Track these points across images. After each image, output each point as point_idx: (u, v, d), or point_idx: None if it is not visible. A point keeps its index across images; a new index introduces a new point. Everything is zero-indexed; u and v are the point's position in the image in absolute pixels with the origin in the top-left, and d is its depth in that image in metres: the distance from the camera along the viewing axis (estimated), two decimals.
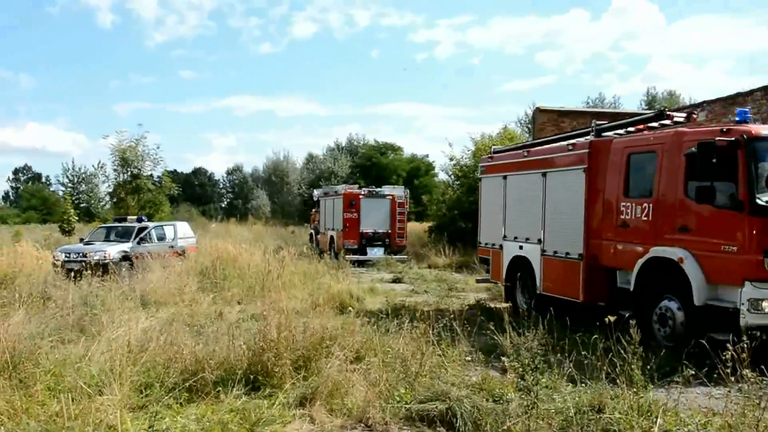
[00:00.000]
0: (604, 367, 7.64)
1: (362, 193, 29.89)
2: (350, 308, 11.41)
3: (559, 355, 8.85)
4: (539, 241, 13.88)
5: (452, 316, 9.89)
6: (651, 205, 11.09)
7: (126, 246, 22.64)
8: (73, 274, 15.76)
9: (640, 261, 11.06)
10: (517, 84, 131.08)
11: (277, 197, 77.10)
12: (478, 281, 18.09)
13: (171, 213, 45.67)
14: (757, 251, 9.30)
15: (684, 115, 12.63)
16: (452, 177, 37.32)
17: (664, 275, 10.65)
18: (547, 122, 26.52)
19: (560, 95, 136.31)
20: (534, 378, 7.52)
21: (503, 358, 8.71)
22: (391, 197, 29.90)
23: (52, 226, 46.99)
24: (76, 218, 40.31)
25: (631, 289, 11.30)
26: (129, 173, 38.47)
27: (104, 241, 23.51)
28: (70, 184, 72.30)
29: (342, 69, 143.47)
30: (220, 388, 7.83)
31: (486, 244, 16.36)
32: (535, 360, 8.01)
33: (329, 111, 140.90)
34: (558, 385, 7.93)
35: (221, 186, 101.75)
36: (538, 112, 27.73)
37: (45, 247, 25.53)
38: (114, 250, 21.99)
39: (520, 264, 14.66)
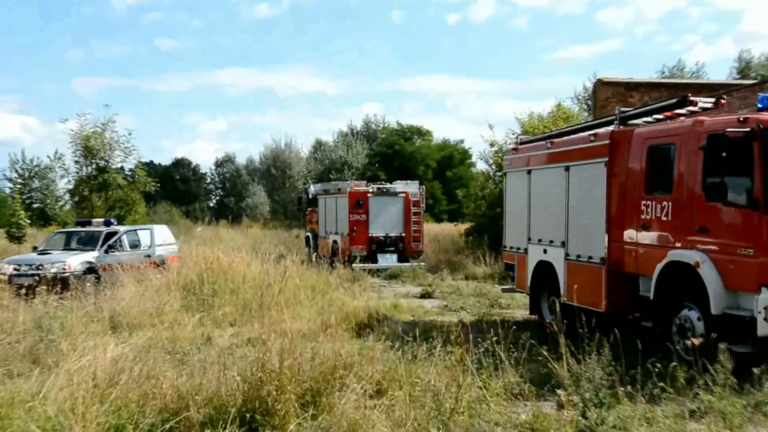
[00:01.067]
0: (688, 403, 7.59)
1: (371, 191, 30.49)
2: (369, 330, 11.42)
3: (629, 386, 8.80)
4: (563, 244, 14.78)
5: (495, 338, 9.86)
6: (670, 203, 11.94)
7: (91, 255, 22.80)
8: (24, 291, 15.87)
9: (659, 266, 11.85)
10: (574, 51, 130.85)
11: (278, 194, 77.47)
12: (503, 290, 18.97)
13: (147, 214, 45.96)
14: None
15: (712, 100, 13.09)
16: (493, 167, 37.22)
17: (683, 281, 11.41)
18: (612, 97, 26.43)
19: (628, 64, 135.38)
20: (598, 416, 7.49)
21: (559, 391, 8.67)
22: (404, 195, 30.57)
23: None
24: (28, 222, 40.54)
25: (651, 297, 12.09)
26: (94, 166, 38.76)
27: (63, 249, 23.67)
28: (19, 180, 72.66)
29: (357, 36, 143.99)
30: (209, 430, 7.85)
31: (511, 248, 17.33)
32: (600, 393, 7.98)
33: (341, 88, 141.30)
34: (629, 424, 7.90)
35: (209, 181, 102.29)
36: (601, 85, 27.66)
37: None
38: (76, 261, 22.14)
39: (545, 270, 15.52)
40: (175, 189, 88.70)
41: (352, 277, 22.09)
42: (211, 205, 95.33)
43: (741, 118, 10.72)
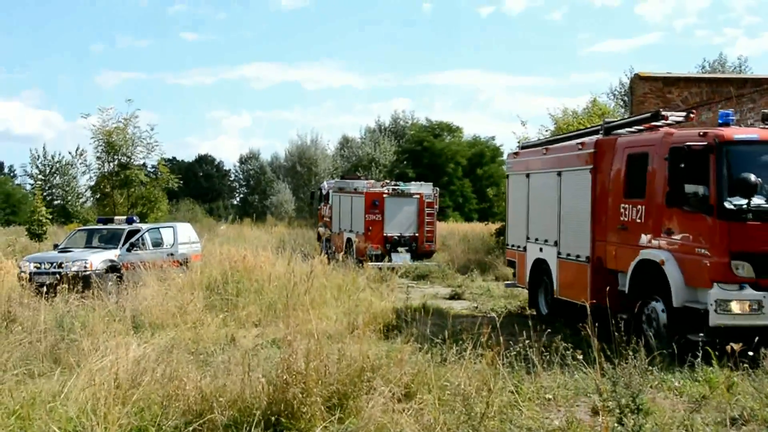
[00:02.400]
0: (729, 409, 7.52)
1: (386, 192, 32.17)
2: (397, 331, 11.42)
3: (668, 392, 8.73)
4: (555, 243, 16.66)
5: (527, 341, 9.82)
6: (643, 207, 13.67)
7: (113, 254, 22.91)
8: (44, 289, 15.97)
9: (633, 263, 13.58)
10: (611, 44, 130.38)
11: (304, 192, 77.44)
12: (506, 285, 20.96)
13: (169, 212, 46.11)
14: (725, 254, 11.71)
15: (683, 114, 14.87)
16: None
17: (652, 277, 13.04)
18: (650, 93, 26.23)
19: (667, 58, 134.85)
20: (636, 423, 7.43)
21: (594, 396, 8.62)
22: (418, 196, 32.21)
23: (18, 229, 47.76)
24: (49, 219, 40.80)
25: (626, 291, 13.88)
26: (116, 162, 38.91)
27: (85, 247, 23.81)
28: (40, 176, 73.16)
29: (385, 29, 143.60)
30: None
31: (512, 246, 19.39)
32: (637, 399, 7.92)
33: (369, 82, 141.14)
34: (668, 431, 7.82)
35: (233, 178, 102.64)
36: (638, 80, 27.43)
37: (9, 255, 25.91)
38: (97, 259, 22.26)
39: (541, 267, 17.44)
40: (199, 186, 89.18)
41: (380, 276, 22.05)
42: (235, 202, 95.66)
43: (701, 133, 12.48)
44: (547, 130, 34.65)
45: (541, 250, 17.34)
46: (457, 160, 71.21)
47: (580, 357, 9.68)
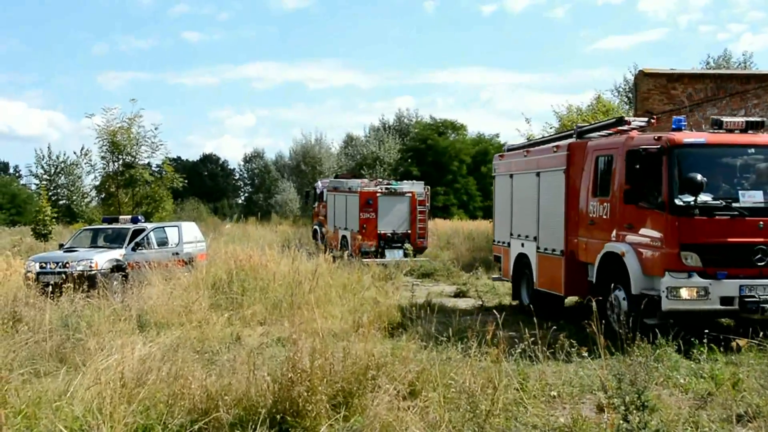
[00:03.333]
0: (734, 406, 7.51)
1: (380, 190, 33.35)
2: (402, 329, 11.42)
3: (673, 388, 8.72)
4: (535, 238, 17.92)
5: (532, 339, 9.82)
6: (609, 204, 14.93)
7: (118, 253, 22.93)
8: (50, 288, 16.03)
9: (599, 255, 14.84)
10: (614, 41, 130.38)
11: (308, 190, 77.38)
12: (493, 279, 22.43)
13: (174, 211, 46.15)
14: (675, 245, 12.98)
15: (645, 120, 16.30)
16: None
17: (615, 268, 14.29)
18: (654, 89, 26.18)
19: (671, 54, 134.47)
20: (641, 420, 7.43)
21: (599, 393, 8.62)
22: (410, 195, 33.36)
23: (23, 229, 47.79)
24: (54, 219, 40.79)
25: (594, 280, 15.17)
26: (120, 162, 38.96)
27: (90, 247, 23.82)
28: (45, 176, 73.09)
29: (388, 27, 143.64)
30: (239, 431, 7.87)
31: (498, 242, 20.77)
32: (642, 395, 7.91)
33: (373, 81, 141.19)
34: (673, 429, 7.84)
35: (237, 177, 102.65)
36: (642, 76, 27.36)
37: (15, 255, 25.95)
38: (103, 259, 22.28)
39: (523, 261, 18.71)
40: (203, 185, 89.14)
41: (384, 275, 22.07)
42: (240, 201, 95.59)
43: (656, 137, 13.80)
44: (551, 128, 34.67)
45: (522, 245, 18.66)
46: (461, 158, 71.06)
47: (585, 354, 9.69)
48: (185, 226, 25.90)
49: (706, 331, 11.84)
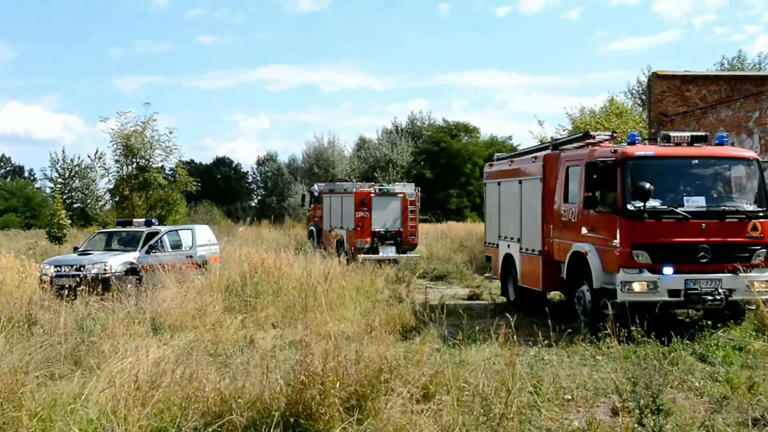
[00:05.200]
0: (750, 410, 7.46)
1: (373, 191, 35.48)
2: (415, 332, 11.40)
3: (688, 392, 8.67)
4: (518, 240, 19.60)
5: (546, 342, 9.80)
6: (576, 209, 16.47)
7: (132, 256, 22.98)
8: (65, 291, 16.04)
9: (568, 254, 16.57)
10: (628, 43, 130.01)
11: None
12: (486, 277, 23.65)
13: (188, 214, 46.26)
14: (628, 245, 14.62)
15: (608, 134, 18.10)
16: None
17: (581, 265, 15.95)
18: (668, 91, 26.15)
19: (685, 56, 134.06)
20: (656, 423, 7.39)
21: (614, 397, 8.58)
22: (402, 195, 35.45)
23: (39, 232, 47.99)
24: (69, 222, 40.96)
25: (564, 277, 16.95)
26: (135, 165, 39.11)
27: (104, 250, 23.86)
28: (60, 180, 73.41)
29: (403, 29, 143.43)
30: None
31: (489, 243, 22.42)
32: (657, 399, 7.88)
33: (386, 84, 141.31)
34: None
35: (250, 180, 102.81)
36: (656, 78, 27.34)
37: (30, 258, 26.03)
38: (117, 262, 22.34)
39: (509, 260, 20.37)
40: (216, 188, 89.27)
41: (397, 277, 22.09)
42: (253, 204, 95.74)
43: (612, 150, 15.44)
44: (564, 130, 34.64)
45: (508, 246, 20.34)
46: (474, 161, 70.92)
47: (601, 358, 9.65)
48: (199, 229, 25.92)
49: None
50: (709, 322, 14.58)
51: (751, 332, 13.90)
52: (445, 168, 69.54)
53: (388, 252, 34.03)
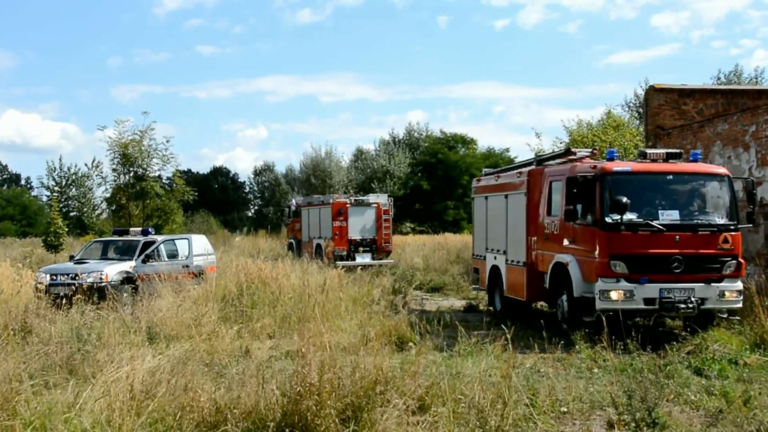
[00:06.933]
0: (746, 423, 7.46)
1: (349, 202, 37.76)
2: (411, 343, 11.39)
3: (684, 405, 8.67)
4: (504, 252, 20.51)
5: (541, 354, 9.78)
6: (558, 222, 17.32)
7: (128, 265, 22.96)
8: (60, 300, 16.00)
9: (551, 265, 17.40)
10: (626, 56, 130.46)
11: None
12: (473, 288, 24.45)
13: (185, 224, 46.24)
14: (606, 256, 15.43)
15: (589, 151, 19.10)
16: None
17: (562, 275, 16.79)
18: (665, 105, 26.15)
19: (683, 70, 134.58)
20: None
21: (609, 410, 8.58)
22: (376, 205, 37.68)
23: (35, 241, 48.00)
24: (65, 230, 40.96)
25: (547, 286, 17.83)
26: (132, 174, 39.10)
27: (100, 259, 23.83)
28: (57, 188, 73.51)
29: (401, 41, 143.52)
30: None
31: (476, 255, 23.31)
32: (653, 412, 7.87)
33: (385, 95, 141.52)
34: None
35: (248, 190, 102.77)
36: (653, 91, 27.34)
37: (25, 266, 26.00)
38: (113, 271, 22.31)
39: (496, 272, 21.19)
40: (214, 198, 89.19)
41: (393, 289, 22.08)
42: (250, 214, 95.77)
43: (592, 166, 16.25)
44: (561, 142, 34.66)
45: (495, 258, 21.19)
46: (471, 173, 70.85)
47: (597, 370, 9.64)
48: (195, 238, 25.90)
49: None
50: (686, 333, 15.18)
51: (749, 346, 13.88)
52: (442, 179, 69.63)
53: (364, 258, 35.72)
